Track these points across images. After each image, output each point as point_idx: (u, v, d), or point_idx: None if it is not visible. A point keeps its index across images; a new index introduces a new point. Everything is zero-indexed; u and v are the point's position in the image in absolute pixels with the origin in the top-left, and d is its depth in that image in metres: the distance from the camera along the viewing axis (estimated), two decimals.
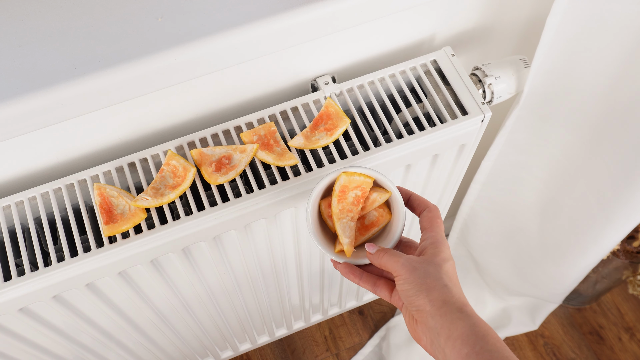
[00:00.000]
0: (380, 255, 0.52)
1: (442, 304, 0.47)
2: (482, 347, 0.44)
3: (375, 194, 0.57)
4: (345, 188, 0.56)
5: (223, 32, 0.57)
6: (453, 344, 0.45)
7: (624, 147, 0.75)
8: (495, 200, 1.03)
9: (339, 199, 0.56)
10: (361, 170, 0.56)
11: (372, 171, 0.56)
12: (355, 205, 0.57)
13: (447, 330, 0.46)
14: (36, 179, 0.69)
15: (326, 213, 0.59)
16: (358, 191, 0.56)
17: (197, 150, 0.65)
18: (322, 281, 1.00)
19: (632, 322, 1.37)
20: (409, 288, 0.49)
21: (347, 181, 0.56)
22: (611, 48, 0.67)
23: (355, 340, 1.35)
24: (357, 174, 0.56)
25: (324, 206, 0.59)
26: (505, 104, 0.96)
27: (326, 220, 0.59)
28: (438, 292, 0.48)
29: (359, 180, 0.56)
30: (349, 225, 0.56)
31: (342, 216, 0.56)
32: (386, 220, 0.58)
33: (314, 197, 0.57)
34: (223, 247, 0.72)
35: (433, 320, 0.47)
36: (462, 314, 0.46)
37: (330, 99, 0.69)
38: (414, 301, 0.49)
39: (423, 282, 0.48)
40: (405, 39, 0.75)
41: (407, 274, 0.49)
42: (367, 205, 0.57)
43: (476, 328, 0.45)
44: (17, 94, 0.54)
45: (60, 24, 0.57)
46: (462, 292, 0.49)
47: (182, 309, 0.83)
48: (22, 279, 0.60)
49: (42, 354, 0.76)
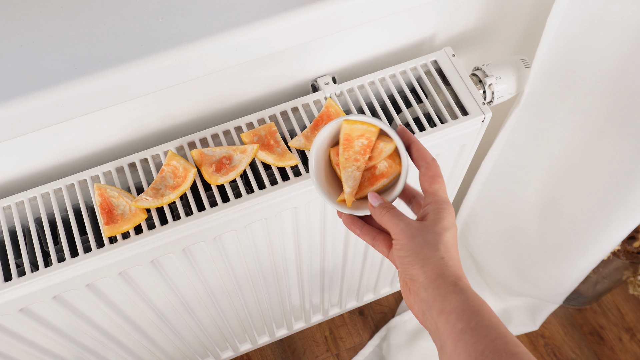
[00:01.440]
0: (383, 212, 0.50)
1: (436, 276, 0.46)
2: (477, 323, 0.43)
3: (381, 144, 0.55)
4: (349, 137, 0.54)
5: (223, 33, 0.57)
6: (447, 318, 0.44)
7: (624, 147, 0.75)
8: (496, 201, 1.03)
9: (345, 147, 0.54)
10: (363, 118, 0.54)
11: (374, 119, 0.54)
12: (362, 154, 0.54)
13: (440, 303, 0.45)
14: (37, 179, 0.69)
15: (335, 161, 0.57)
16: (364, 140, 0.54)
17: (197, 151, 0.65)
18: (323, 281, 1.00)
19: (633, 322, 1.37)
20: (404, 255, 0.48)
21: (349, 129, 0.54)
22: (611, 48, 0.67)
23: (356, 340, 1.35)
24: (359, 122, 0.54)
25: (333, 154, 0.57)
26: (505, 104, 0.96)
27: (335, 168, 0.57)
28: (433, 264, 0.46)
29: (361, 129, 0.54)
30: (353, 175, 0.54)
31: (347, 165, 0.55)
32: (396, 172, 0.55)
33: (315, 147, 0.55)
34: (223, 247, 0.72)
35: (425, 292, 0.46)
36: (456, 287, 0.45)
37: (330, 99, 0.69)
38: (408, 269, 0.47)
39: (419, 251, 0.47)
40: (406, 39, 0.75)
41: (405, 240, 0.48)
42: (375, 156, 0.55)
43: (470, 302, 0.44)
44: (18, 94, 0.54)
45: (60, 24, 0.57)
46: (459, 265, 0.48)
47: (182, 309, 0.83)
48: (22, 279, 0.60)
49: (43, 354, 0.76)
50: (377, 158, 0.55)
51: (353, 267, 0.99)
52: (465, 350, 0.42)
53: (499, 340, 0.42)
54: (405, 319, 1.33)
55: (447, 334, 0.44)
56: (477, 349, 0.41)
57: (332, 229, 0.81)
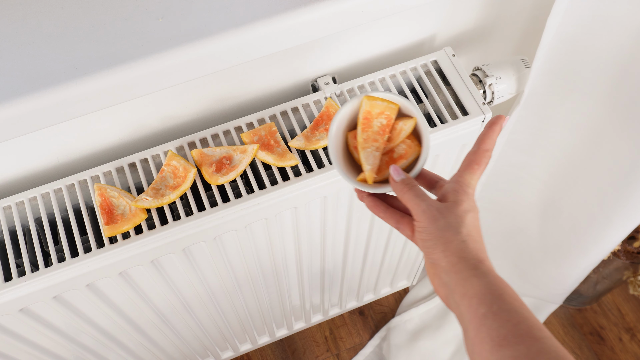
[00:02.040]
0: (405, 189, 0.49)
1: (457, 260, 0.45)
2: (499, 307, 0.42)
3: (400, 123, 0.53)
4: (368, 114, 0.53)
5: (223, 33, 0.57)
6: (469, 302, 0.43)
7: (624, 147, 0.75)
8: (496, 201, 1.03)
9: (364, 127, 0.53)
10: (384, 95, 0.53)
11: (395, 96, 0.53)
12: (381, 135, 0.53)
13: (462, 287, 0.44)
14: (37, 179, 0.69)
15: (352, 145, 0.55)
16: (383, 119, 0.53)
17: (197, 151, 0.65)
18: (323, 281, 1.00)
19: (633, 322, 1.37)
20: (426, 238, 0.47)
21: (369, 106, 0.53)
22: (611, 48, 0.67)
23: (356, 340, 1.35)
24: (379, 99, 0.53)
25: (350, 137, 0.55)
26: (505, 104, 0.96)
27: (353, 152, 0.55)
28: (455, 248, 0.45)
29: (382, 106, 0.53)
30: (373, 154, 0.53)
31: (366, 145, 0.53)
32: (415, 153, 0.53)
33: (336, 123, 0.53)
34: (223, 247, 0.72)
35: (447, 276, 0.45)
36: (477, 271, 0.44)
37: (330, 100, 0.69)
38: (430, 253, 0.47)
39: (441, 234, 0.46)
40: (406, 39, 0.75)
41: (426, 223, 0.47)
42: (394, 136, 0.53)
43: (492, 286, 0.43)
44: (18, 95, 0.54)
45: (60, 24, 0.57)
46: (481, 248, 0.47)
47: (182, 309, 0.83)
48: (22, 279, 0.60)
49: (43, 354, 0.76)
50: (396, 139, 0.53)
51: (353, 267, 0.99)
52: (488, 334, 0.41)
53: (522, 325, 0.41)
54: (405, 319, 1.33)
55: (470, 318, 0.43)
56: (499, 334, 0.41)
57: (332, 229, 0.81)
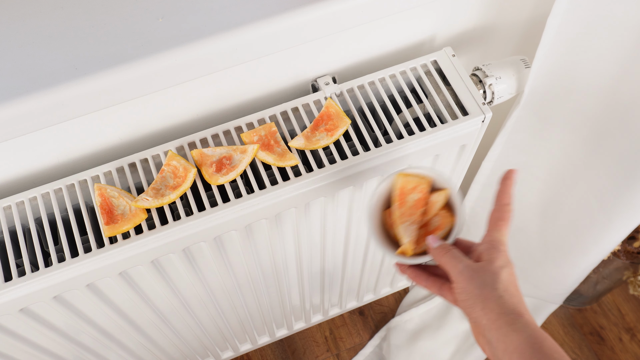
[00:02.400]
0: (442, 253, 0.51)
1: (496, 316, 0.46)
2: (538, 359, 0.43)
3: (434, 196, 0.56)
4: (403, 191, 0.55)
5: (224, 33, 0.57)
6: (510, 357, 0.45)
7: (624, 147, 0.75)
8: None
9: (400, 203, 0.56)
10: (417, 170, 0.55)
11: (428, 170, 0.55)
12: (416, 209, 0.55)
13: (503, 344, 0.45)
14: (37, 179, 0.69)
15: (389, 223, 0.57)
16: (417, 194, 0.55)
17: (197, 151, 0.65)
18: (323, 281, 1.00)
19: (633, 322, 1.37)
20: (465, 299, 0.48)
21: (404, 182, 0.55)
22: (611, 48, 0.67)
23: (356, 340, 1.35)
24: (412, 175, 0.55)
25: (387, 216, 0.58)
26: (505, 104, 0.96)
27: (390, 230, 0.58)
28: (493, 304, 0.47)
29: (415, 181, 0.55)
30: (409, 228, 0.55)
31: (403, 220, 0.55)
32: (450, 223, 0.56)
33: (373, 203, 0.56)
34: (224, 247, 0.72)
35: (489, 334, 0.47)
36: (517, 325, 0.45)
37: (330, 100, 0.69)
38: (471, 313, 0.48)
39: (479, 292, 0.47)
40: (406, 40, 0.75)
41: (464, 283, 0.48)
42: (429, 209, 0.56)
43: (532, 339, 0.44)
44: (18, 95, 0.54)
45: (60, 24, 0.57)
46: (519, 301, 0.48)
47: (182, 309, 0.83)
48: (22, 279, 0.60)
49: (43, 354, 0.76)
50: (430, 211, 0.56)
51: (353, 267, 0.99)
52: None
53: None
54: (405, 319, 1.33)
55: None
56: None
57: (332, 229, 0.81)
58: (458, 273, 0.49)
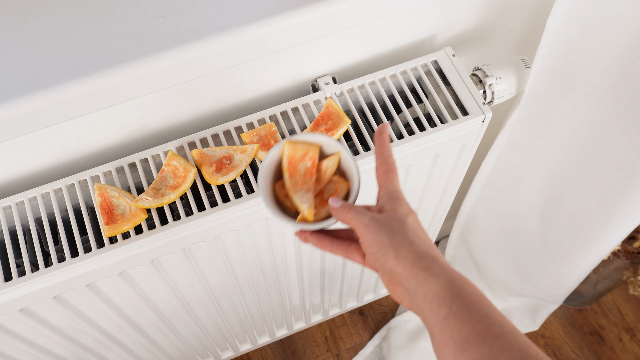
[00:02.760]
0: (344, 211, 0.50)
1: (411, 263, 0.45)
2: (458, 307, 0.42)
3: (325, 162, 0.54)
4: (292, 159, 0.54)
5: (224, 33, 0.57)
6: (430, 305, 0.43)
7: (624, 147, 0.75)
8: (496, 201, 1.03)
9: (290, 173, 0.54)
10: (303, 137, 0.54)
11: (315, 136, 0.54)
12: (309, 177, 0.54)
13: (422, 290, 0.44)
14: (37, 179, 0.69)
15: (282, 194, 0.56)
16: (307, 162, 0.54)
17: (197, 151, 0.65)
18: (323, 281, 1.00)
19: (633, 322, 1.37)
20: (375, 250, 0.47)
21: (292, 150, 0.54)
22: (611, 48, 0.67)
23: (356, 340, 1.35)
24: (300, 142, 0.54)
25: (279, 188, 0.56)
26: (505, 104, 0.96)
27: (284, 202, 0.56)
28: (406, 251, 0.46)
29: (304, 148, 0.54)
30: (306, 195, 0.54)
31: (296, 189, 0.54)
32: (345, 188, 0.55)
33: (263, 172, 0.54)
34: (223, 247, 0.72)
35: (406, 281, 0.45)
36: (433, 270, 0.44)
37: (330, 99, 0.69)
38: (384, 263, 0.47)
39: (390, 241, 0.46)
40: (406, 39, 0.75)
41: (372, 235, 0.47)
42: (321, 176, 0.55)
43: (450, 285, 0.43)
44: (18, 95, 0.54)
45: (61, 24, 0.57)
46: (431, 245, 0.47)
47: (182, 309, 0.83)
48: (22, 279, 0.60)
49: (43, 354, 0.76)
50: (323, 178, 0.55)
51: (353, 267, 0.99)
52: (450, 337, 0.42)
53: (483, 323, 0.41)
54: (405, 319, 1.33)
55: (433, 321, 0.43)
56: (462, 336, 0.41)
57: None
58: (364, 226, 0.47)
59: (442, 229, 1.36)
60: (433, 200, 0.87)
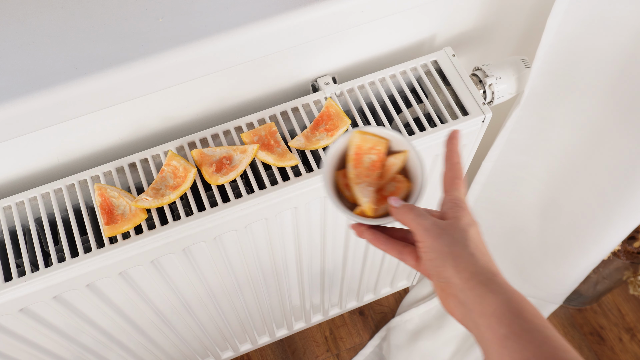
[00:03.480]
0: (405, 211, 0.48)
1: (470, 275, 0.43)
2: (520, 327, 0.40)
3: (391, 158, 0.53)
4: (359, 150, 0.52)
5: (224, 33, 0.57)
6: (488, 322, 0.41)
7: (624, 147, 0.75)
8: (496, 201, 1.03)
9: (355, 163, 0.53)
10: (375, 130, 0.52)
11: (386, 131, 0.52)
12: (372, 171, 0.52)
13: (479, 305, 0.42)
14: (37, 179, 0.69)
15: (343, 183, 0.54)
16: (373, 155, 0.53)
17: (197, 151, 0.65)
18: (323, 281, 1.00)
19: (633, 322, 1.37)
20: (434, 257, 0.45)
21: (360, 140, 0.52)
22: (611, 48, 0.67)
23: (356, 340, 1.35)
24: (369, 134, 0.52)
25: (340, 177, 0.54)
26: (505, 104, 0.96)
27: (343, 191, 0.54)
28: (465, 262, 0.44)
29: (373, 140, 0.52)
30: (367, 189, 0.52)
31: (359, 181, 0.52)
32: (406, 189, 0.53)
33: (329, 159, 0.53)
34: (224, 247, 0.72)
35: (463, 294, 0.43)
36: (492, 286, 0.42)
37: (330, 100, 0.69)
38: (441, 272, 0.45)
39: (449, 250, 0.44)
40: (406, 40, 0.75)
41: (432, 241, 0.45)
42: (385, 172, 0.53)
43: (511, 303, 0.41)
44: (18, 95, 0.54)
45: (60, 24, 0.57)
46: (490, 260, 0.45)
47: (182, 309, 0.83)
48: (22, 279, 0.60)
49: (43, 354, 0.76)
50: (386, 175, 0.53)
51: (353, 267, 0.99)
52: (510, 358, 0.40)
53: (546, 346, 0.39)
54: (405, 319, 1.33)
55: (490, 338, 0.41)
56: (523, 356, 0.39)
57: (332, 229, 0.81)
58: (424, 231, 0.46)
59: None
60: (433, 201, 0.87)
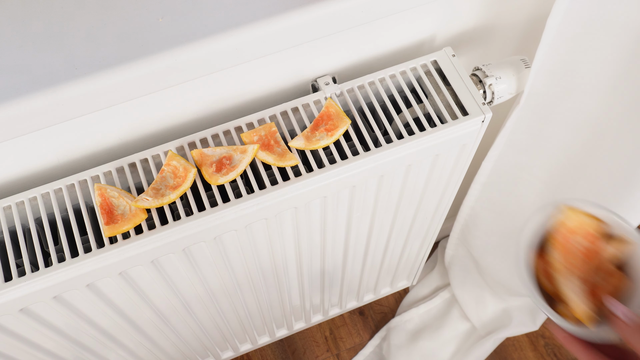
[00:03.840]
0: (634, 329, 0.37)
1: None
2: None
3: (609, 248, 0.42)
4: (569, 233, 0.42)
5: (224, 33, 0.57)
6: None
7: (624, 147, 0.75)
8: (496, 201, 1.03)
9: (563, 249, 0.42)
10: (589, 208, 0.41)
11: (605, 212, 0.41)
12: (586, 263, 0.41)
13: None
14: (37, 179, 0.69)
15: (540, 268, 0.43)
16: (584, 241, 0.42)
17: (197, 151, 0.65)
18: (323, 282, 1.00)
19: None
20: None
21: (575, 222, 0.42)
22: (611, 48, 0.67)
23: (356, 340, 1.35)
24: (583, 214, 0.41)
25: (537, 259, 0.44)
26: (505, 104, 0.96)
27: (539, 277, 0.43)
28: None
29: (587, 224, 0.41)
30: (578, 286, 0.41)
31: (568, 274, 0.41)
32: (619, 286, 0.42)
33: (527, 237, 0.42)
34: (224, 247, 0.72)
35: None
36: None
37: (330, 100, 0.69)
38: None
39: None
40: (406, 40, 0.75)
41: None
42: (600, 264, 0.42)
43: None
44: (18, 95, 0.54)
45: (60, 24, 0.57)
46: None
47: (182, 309, 0.83)
48: (22, 279, 0.60)
49: (43, 354, 0.76)
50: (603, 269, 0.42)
51: (353, 267, 0.99)
52: None
53: None
54: (405, 319, 1.33)
55: None
56: None
57: (332, 229, 0.81)
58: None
59: (442, 229, 1.36)
60: (433, 200, 0.87)
